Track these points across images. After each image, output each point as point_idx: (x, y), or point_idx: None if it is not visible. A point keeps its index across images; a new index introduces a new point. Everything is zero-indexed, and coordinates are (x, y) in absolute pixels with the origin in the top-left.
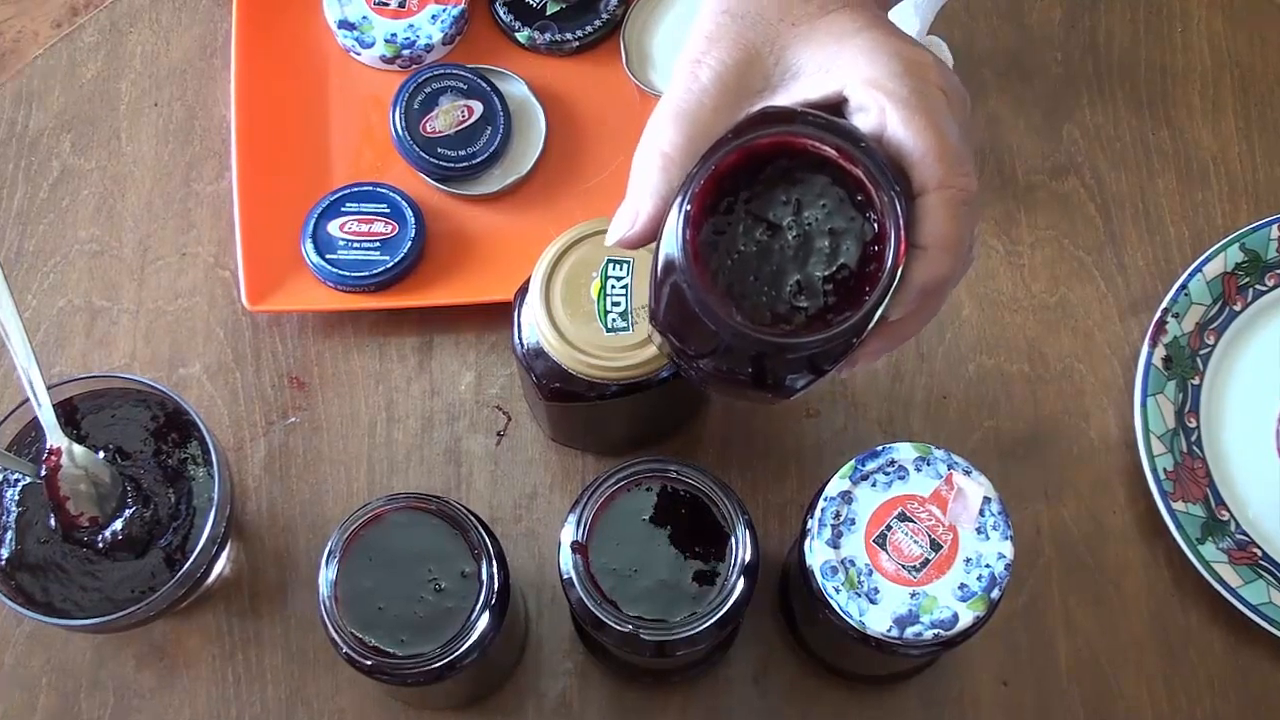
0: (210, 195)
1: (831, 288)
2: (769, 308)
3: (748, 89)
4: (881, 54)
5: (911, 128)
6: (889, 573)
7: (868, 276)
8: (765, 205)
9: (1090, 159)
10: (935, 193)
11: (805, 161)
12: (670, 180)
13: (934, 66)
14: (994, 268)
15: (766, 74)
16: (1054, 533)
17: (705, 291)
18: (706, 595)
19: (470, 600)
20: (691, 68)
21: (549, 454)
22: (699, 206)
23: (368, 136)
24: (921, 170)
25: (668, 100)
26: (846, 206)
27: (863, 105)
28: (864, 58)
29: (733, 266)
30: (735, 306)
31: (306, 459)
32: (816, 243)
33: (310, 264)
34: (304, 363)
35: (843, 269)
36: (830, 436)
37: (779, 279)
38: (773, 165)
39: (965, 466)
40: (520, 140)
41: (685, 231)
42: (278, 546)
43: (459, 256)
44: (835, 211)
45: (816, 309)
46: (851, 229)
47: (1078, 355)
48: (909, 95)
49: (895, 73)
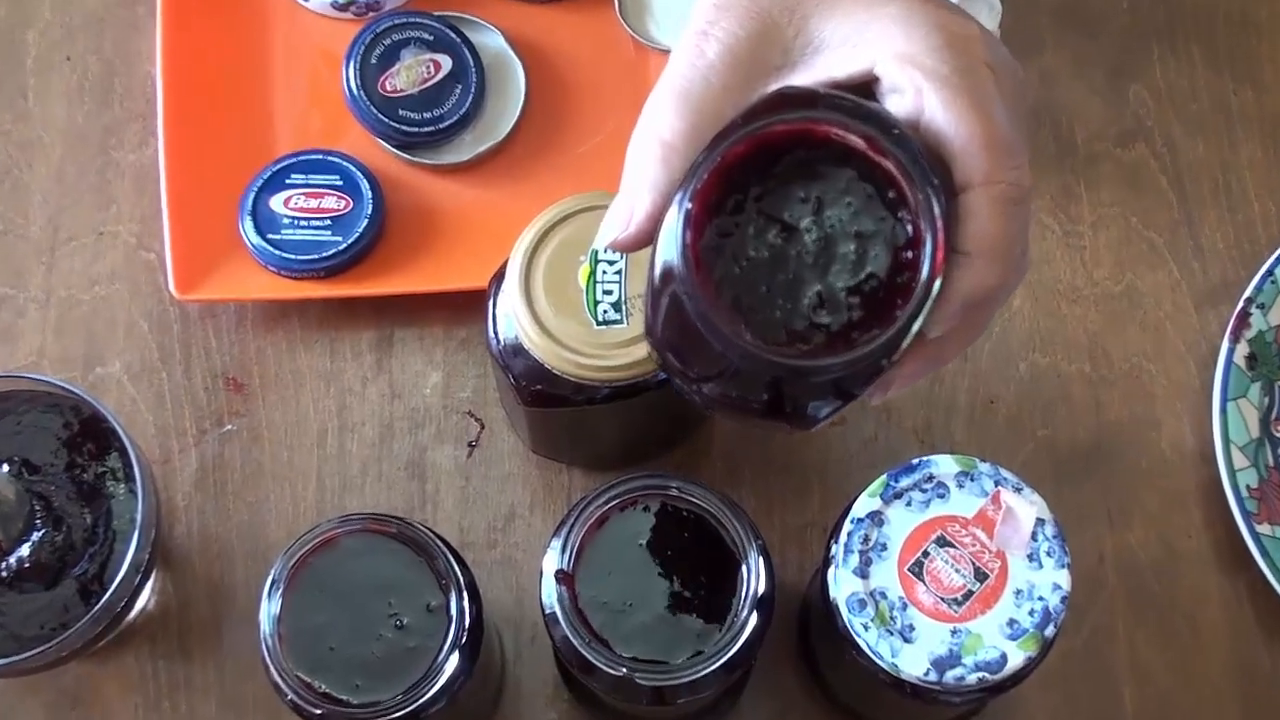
0: (132, 165)
1: (858, 301)
2: (784, 324)
3: (762, 66)
4: (919, 25)
5: (953, 111)
6: (926, 607)
7: (900, 288)
8: (780, 203)
9: (1162, 124)
10: (981, 189)
11: (828, 153)
12: (671, 172)
13: (980, 39)
14: (1050, 251)
15: (785, 48)
16: (1119, 560)
17: (709, 305)
18: (713, 633)
19: (437, 639)
20: (697, 40)
21: (529, 468)
22: (701, 204)
23: (317, 97)
24: (965, 162)
25: (669, 79)
26: (876, 205)
27: (896, 85)
28: (898, 29)
29: (741, 275)
30: (744, 322)
31: (245, 474)
32: (840, 248)
33: (249, 245)
34: (242, 361)
35: (871, 279)
36: (858, 448)
37: (796, 290)
38: (789, 157)
39: (1015, 483)
40: (495, 101)
41: (685, 234)
42: (211, 576)
43: (424, 237)
44: (862, 211)
45: (840, 325)
46: (881, 231)
47: (1147, 353)
48: (951, 73)
49: (935, 47)
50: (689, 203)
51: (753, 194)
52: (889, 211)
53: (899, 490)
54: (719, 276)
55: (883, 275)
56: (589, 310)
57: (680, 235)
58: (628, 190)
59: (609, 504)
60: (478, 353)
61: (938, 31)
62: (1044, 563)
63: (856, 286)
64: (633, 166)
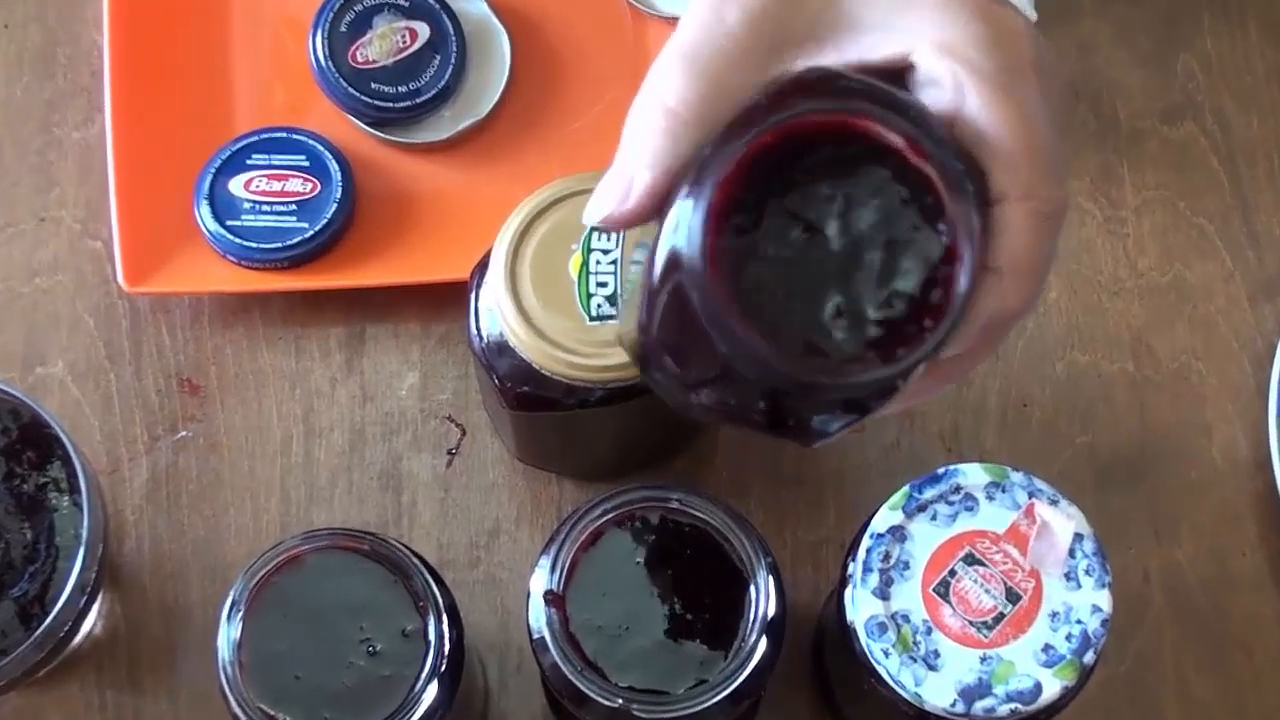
0: (77, 144)
1: (883, 317)
2: (802, 334)
3: (787, 37)
4: (963, 13)
5: (996, 115)
6: (953, 631)
7: (931, 307)
8: (805, 201)
9: (1213, 98)
10: (1019, 203)
11: (860, 148)
12: (678, 146)
13: (1028, 36)
14: (1089, 238)
15: (811, 20)
16: (1165, 579)
17: (724, 306)
18: (718, 661)
19: (414, 666)
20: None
21: (515, 478)
22: (724, 197)
23: (281, 68)
24: (1004, 171)
25: (680, 42)
26: (909, 212)
27: (934, 78)
28: (941, 16)
29: (759, 277)
30: (759, 329)
31: (202, 484)
32: (867, 255)
33: (206, 233)
34: (198, 360)
35: (900, 295)
36: (878, 455)
37: (816, 298)
38: (819, 150)
39: (1051, 494)
40: (478, 73)
41: (705, 226)
42: (164, 597)
43: (399, 223)
44: (894, 218)
45: (862, 340)
46: (914, 243)
47: (1196, 351)
48: (996, 71)
49: (980, 39)
50: (712, 193)
51: (776, 188)
52: (924, 221)
53: (923, 503)
54: (736, 276)
55: (913, 291)
56: (581, 304)
57: (700, 229)
58: (627, 160)
59: (603, 518)
60: (458, 351)
61: (984, 22)
62: (1083, 582)
63: (883, 300)
64: (634, 135)
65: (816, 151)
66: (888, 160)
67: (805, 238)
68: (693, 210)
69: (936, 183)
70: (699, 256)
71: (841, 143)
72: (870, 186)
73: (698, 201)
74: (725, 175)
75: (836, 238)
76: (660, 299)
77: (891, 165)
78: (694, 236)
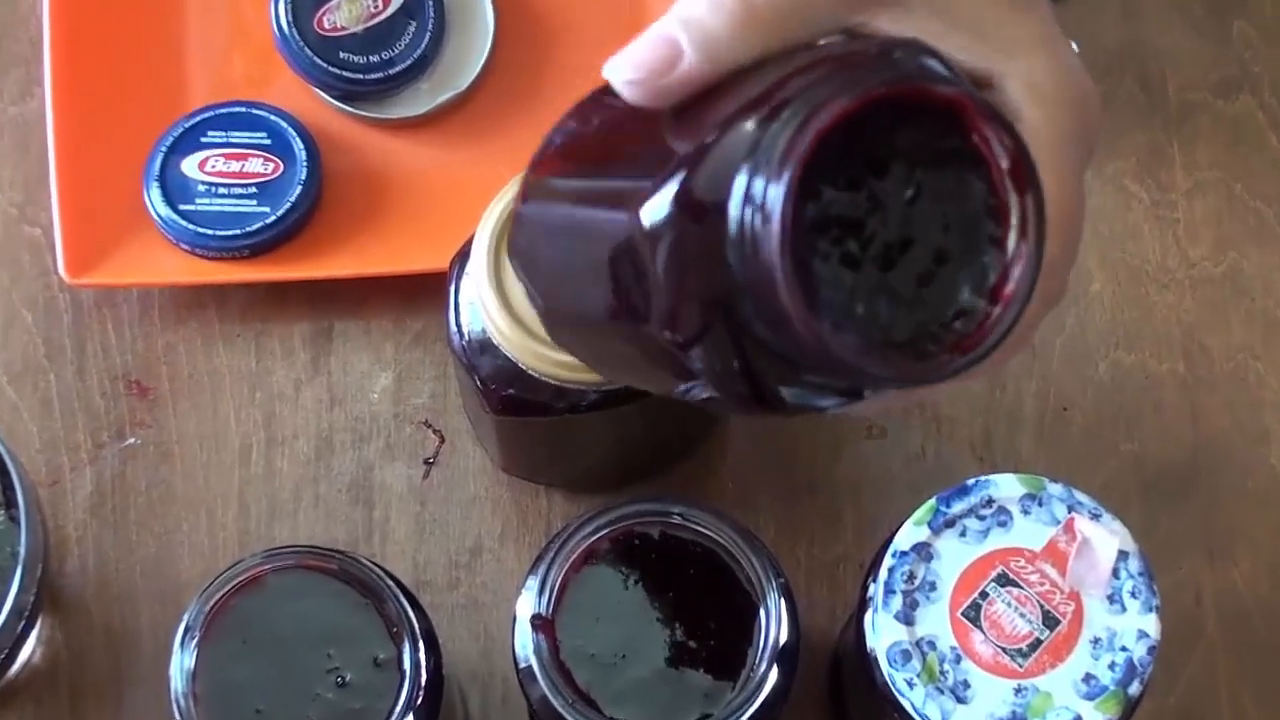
0: (13, 120)
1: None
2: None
3: None
4: (1057, 61)
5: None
6: (984, 659)
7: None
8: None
9: (1271, 69)
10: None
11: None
12: (748, 45)
13: (1096, 104)
14: (1135, 224)
15: None
16: (1220, 602)
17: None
18: (724, 692)
19: (387, 699)
20: None
21: (499, 490)
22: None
23: (239, 36)
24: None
25: None
26: (984, 223)
27: (1016, 115)
28: (1039, 51)
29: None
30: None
31: (152, 497)
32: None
33: (156, 219)
34: (147, 360)
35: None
36: (901, 465)
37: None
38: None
39: (1093, 508)
40: (457, 41)
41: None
42: (110, 623)
43: (370, 208)
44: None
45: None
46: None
47: (1254, 349)
48: (1064, 139)
49: (1069, 100)
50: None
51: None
52: (991, 244)
53: (951, 517)
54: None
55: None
56: None
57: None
58: (678, 30)
59: (597, 535)
60: (436, 350)
61: (1071, 81)
62: (1127, 605)
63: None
64: (697, 9)
65: (913, 130)
66: (980, 171)
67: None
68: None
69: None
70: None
71: (943, 133)
72: (948, 184)
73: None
74: (811, 144)
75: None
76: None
77: (978, 175)
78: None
